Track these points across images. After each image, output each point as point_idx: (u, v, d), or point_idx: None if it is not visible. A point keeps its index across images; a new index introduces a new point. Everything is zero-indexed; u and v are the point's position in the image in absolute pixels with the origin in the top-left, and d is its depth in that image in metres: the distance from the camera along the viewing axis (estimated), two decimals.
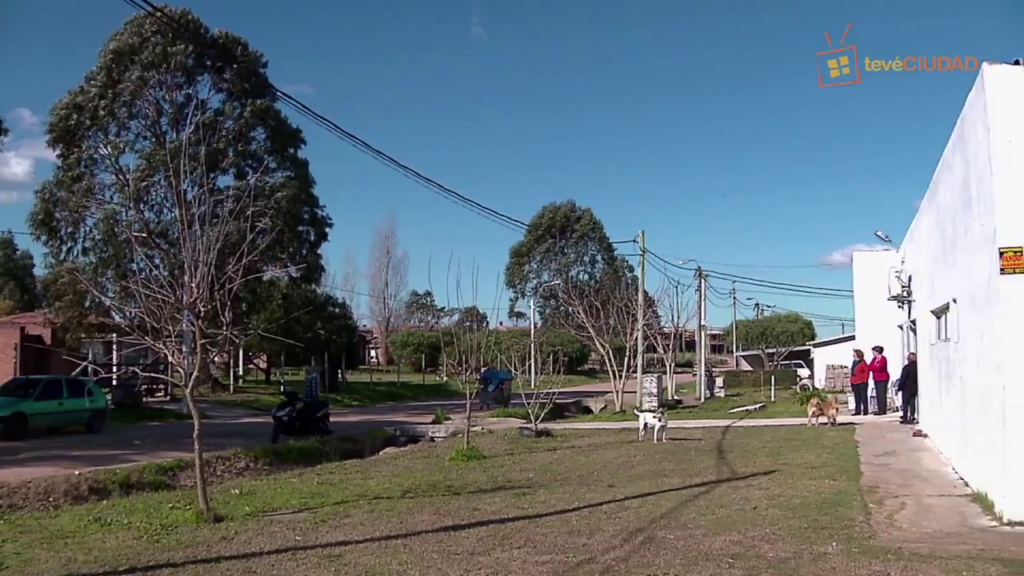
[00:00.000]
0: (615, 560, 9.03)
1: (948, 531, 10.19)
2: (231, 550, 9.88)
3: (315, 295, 51.15)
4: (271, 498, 13.73)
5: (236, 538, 10.56)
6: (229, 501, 13.37)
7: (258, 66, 43.86)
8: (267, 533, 10.81)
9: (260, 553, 9.66)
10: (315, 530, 11.03)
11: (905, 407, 25.35)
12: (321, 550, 9.78)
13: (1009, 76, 10.75)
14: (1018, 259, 10.53)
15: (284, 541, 10.33)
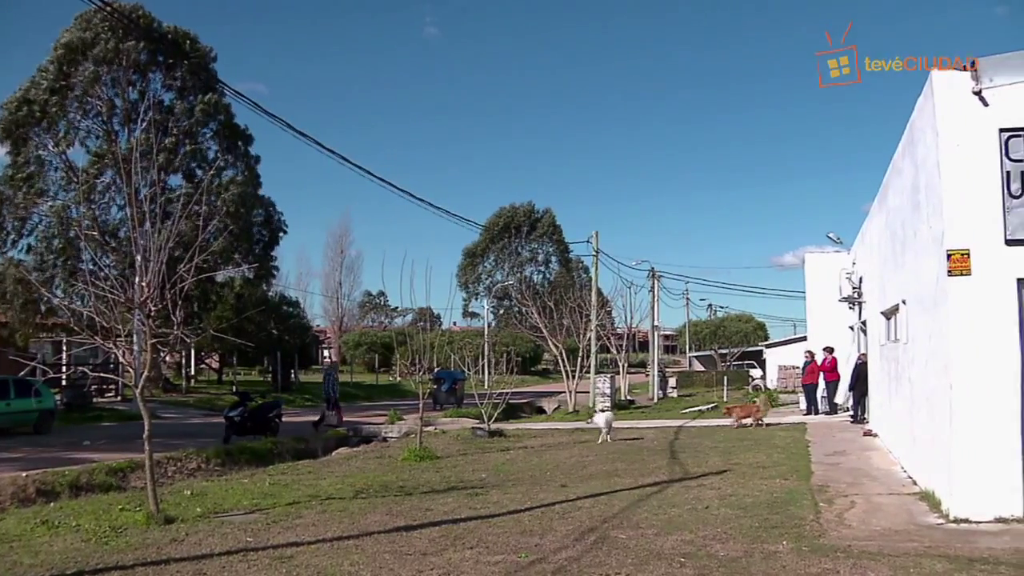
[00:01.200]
0: (567, 560, 9.04)
1: (896, 529, 10.31)
2: (181, 552, 9.79)
3: (268, 295, 50.86)
4: (222, 499, 13.61)
5: (187, 539, 10.46)
6: (180, 502, 13.23)
7: (208, 61, 43.50)
8: (218, 534, 10.72)
9: (211, 555, 9.58)
10: (267, 531, 10.95)
11: (855, 407, 25.60)
12: (273, 551, 9.72)
13: (957, 82, 10.89)
14: (965, 262, 10.68)
15: (235, 542, 10.25)
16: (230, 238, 38.68)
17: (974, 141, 10.76)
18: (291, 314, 55.19)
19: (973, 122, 10.77)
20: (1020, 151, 10.62)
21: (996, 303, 10.62)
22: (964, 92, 10.83)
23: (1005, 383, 10.53)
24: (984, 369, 10.60)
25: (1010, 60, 10.82)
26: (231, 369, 55.11)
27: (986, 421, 10.53)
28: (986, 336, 10.63)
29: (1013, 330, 10.57)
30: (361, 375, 72.48)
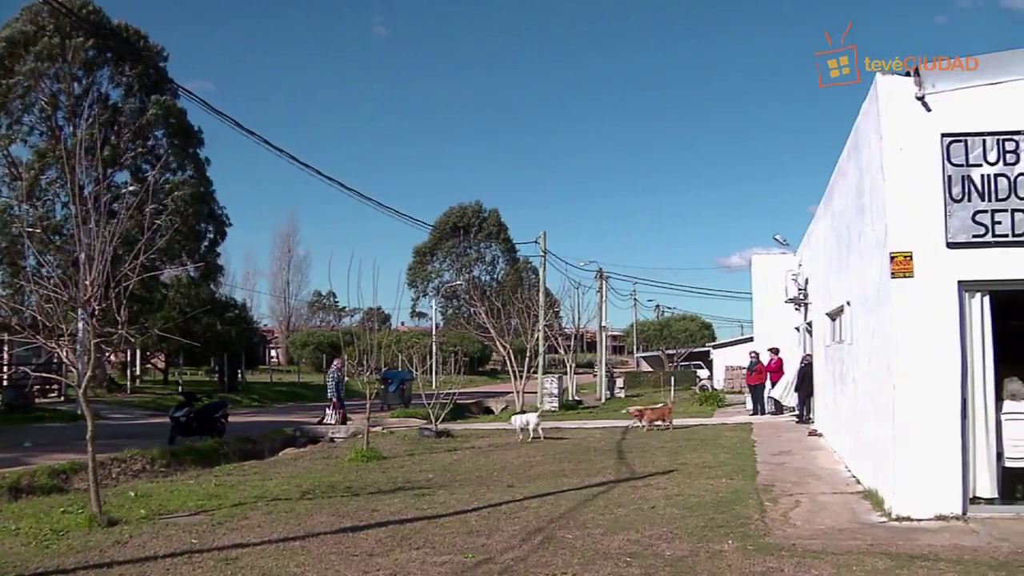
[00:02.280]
0: (514, 560, 9.04)
1: (840, 527, 10.42)
2: (124, 554, 9.64)
3: (214, 294, 50.40)
4: (167, 500, 13.43)
5: (130, 542, 10.30)
6: (124, 504, 13.03)
7: (159, 60, 43.03)
8: (162, 536, 10.57)
9: (155, 557, 9.45)
10: (212, 532, 10.82)
11: (801, 407, 25.86)
12: (218, 553, 9.61)
13: (901, 86, 11.05)
14: (907, 264, 10.83)
15: (180, 544, 10.11)
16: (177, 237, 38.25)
17: (917, 145, 10.92)
18: (238, 314, 54.66)
19: (916, 127, 10.93)
20: (961, 156, 10.80)
21: (938, 305, 10.78)
22: (908, 97, 10.99)
23: (947, 384, 10.70)
24: (926, 370, 10.76)
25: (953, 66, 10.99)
26: (177, 369, 54.43)
27: (928, 421, 10.69)
28: (928, 337, 10.79)
29: (954, 331, 10.74)
30: (308, 375, 71.96)
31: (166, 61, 43.46)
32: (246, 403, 45.17)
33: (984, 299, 10.92)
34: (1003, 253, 10.72)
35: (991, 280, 10.85)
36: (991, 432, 10.92)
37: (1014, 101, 10.88)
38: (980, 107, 10.90)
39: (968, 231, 10.76)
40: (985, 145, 10.78)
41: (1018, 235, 10.66)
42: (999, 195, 10.72)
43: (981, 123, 10.84)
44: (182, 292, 45.89)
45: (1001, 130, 10.78)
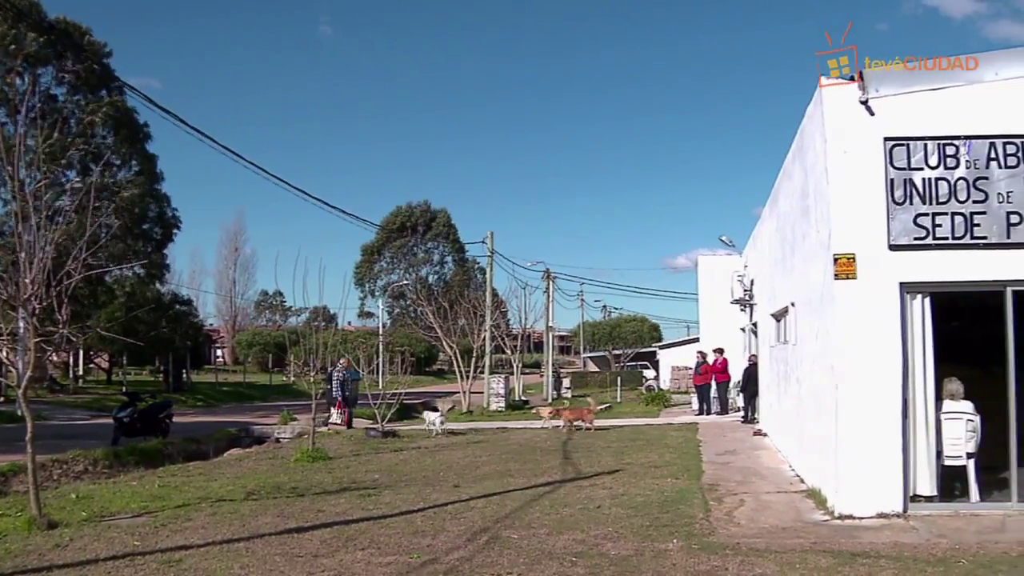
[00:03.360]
0: (459, 560, 9.02)
1: (784, 526, 10.52)
2: (65, 558, 9.47)
3: (160, 293, 49.82)
4: (109, 502, 13.23)
5: (71, 545, 10.11)
6: (65, 506, 12.80)
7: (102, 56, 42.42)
8: (104, 539, 10.40)
9: (96, 560, 9.30)
10: (155, 534, 10.67)
11: (746, 407, 26.08)
12: (161, 555, 9.47)
13: (845, 90, 11.18)
14: (850, 265, 10.97)
15: (122, 547, 9.95)
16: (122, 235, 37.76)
17: (861, 149, 11.06)
18: (183, 313, 54.06)
19: (860, 130, 11.07)
20: (903, 159, 10.96)
21: (880, 306, 10.93)
22: (852, 101, 11.13)
23: (888, 383, 10.85)
24: (868, 370, 10.91)
25: (894, 71, 11.14)
26: (121, 369, 53.75)
27: (870, 420, 10.84)
28: (870, 338, 10.94)
29: (895, 332, 10.90)
30: (255, 375, 71.45)
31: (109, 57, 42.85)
32: (191, 403, 44.76)
33: (925, 301, 11.09)
34: (943, 255, 10.91)
35: (932, 282, 11.03)
36: (931, 431, 11.11)
37: (954, 107, 11.07)
38: (922, 112, 11.08)
39: (910, 234, 10.92)
40: (926, 149, 10.95)
41: (958, 238, 10.85)
42: (940, 199, 10.89)
43: (923, 128, 11.02)
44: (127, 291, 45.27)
45: (942, 135, 10.96)
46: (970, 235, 10.86)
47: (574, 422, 24.58)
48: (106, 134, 42.65)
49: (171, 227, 46.04)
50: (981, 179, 10.88)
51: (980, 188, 10.87)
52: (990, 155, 10.90)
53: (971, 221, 10.87)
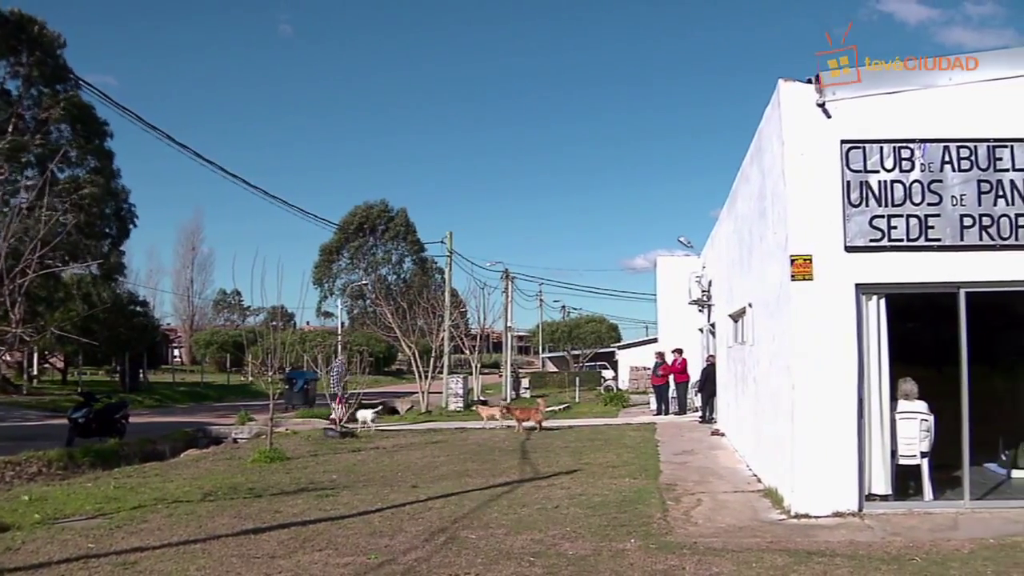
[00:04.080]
0: (417, 560, 9.00)
1: (741, 525, 10.59)
2: (16, 561, 9.33)
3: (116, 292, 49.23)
4: (63, 504, 13.06)
5: (23, 548, 9.96)
6: (17, 508, 12.62)
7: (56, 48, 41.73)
8: (57, 541, 10.25)
9: (49, 563, 9.16)
10: (110, 536, 10.54)
11: (704, 407, 26.20)
12: (115, 557, 9.37)
13: (802, 93, 11.27)
14: (807, 267, 11.05)
15: (76, 549, 9.82)
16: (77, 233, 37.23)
17: (817, 151, 11.14)
18: (140, 312, 53.51)
19: (817, 133, 11.16)
20: (859, 162, 11.06)
21: (836, 307, 11.03)
22: (809, 104, 11.21)
23: (844, 384, 10.96)
24: (824, 370, 11.01)
25: (851, 75, 11.24)
26: (76, 369, 53.17)
27: (826, 420, 10.94)
28: (826, 339, 11.03)
29: (851, 333, 11.00)
30: (212, 375, 70.90)
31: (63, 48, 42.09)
32: (148, 403, 44.33)
33: (880, 302, 11.21)
34: (898, 257, 11.03)
35: (887, 283, 11.15)
36: (886, 431, 11.24)
37: (909, 110, 11.19)
38: (878, 115, 11.19)
39: (866, 236, 11.03)
40: (882, 152, 11.07)
41: (912, 240, 10.97)
42: (895, 201, 11.01)
43: (879, 131, 11.13)
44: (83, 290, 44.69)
45: (897, 138, 11.08)
46: (924, 237, 10.99)
47: (523, 421, 24.54)
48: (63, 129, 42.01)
49: (128, 225, 45.48)
50: (935, 182, 11.01)
51: (934, 191, 11.00)
52: (944, 158, 11.04)
53: (926, 223, 10.99)
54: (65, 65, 40.98)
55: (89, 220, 38.95)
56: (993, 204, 10.97)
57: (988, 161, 11.01)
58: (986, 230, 10.96)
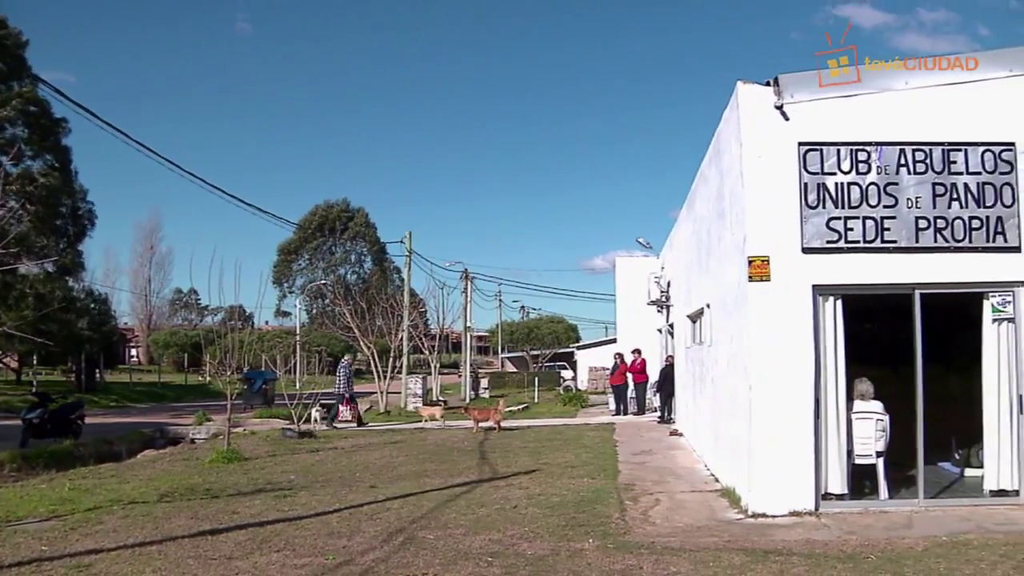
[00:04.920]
0: (375, 561, 8.97)
1: (698, 525, 10.64)
2: None
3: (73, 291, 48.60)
4: (16, 506, 12.86)
5: None
6: None
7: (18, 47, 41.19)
8: (10, 544, 10.09)
9: (0, 567, 9.03)
10: (64, 539, 10.41)
11: (662, 407, 26.30)
12: (70, 560, 9.25)
13: (760, 96, 11.34)
14: (764, 268, 11.12)
15: (29, 552, 9.68)
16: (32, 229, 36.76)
17: (775, 153, 11.22)
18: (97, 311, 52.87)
19: (775, 135, 11.24)
20: (817, 164, 11.15)
21: (793, 308, 11.11)
22: (767, 106, 11.28)
23: (801, 384, 11.04)
24: (782, 371, 11.08)
25: (808, 78, 11.34)
26: (31, 369, 52.50)
27: (783, 420, 11.02)
28: (784, 339, 11.11)
29: (808, 334, 11.09)
30: (170, 375, 70.30)
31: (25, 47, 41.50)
32: (104, 404, 43.84)
33: (837, 303, 11.31)
34: (855, 259, 11.13)
35: (843, 284, 11.25)
36: (842, 431, 11.35)
37: (865, 114, 11.30)
38: (835, 118, 11.30)
39: (822, 237, 11.12)
40: (839, 154, 11.16)
41: (869, 242, 11.08)
42: (852, 203, 11.11)
43: (836, 133, 11.24)
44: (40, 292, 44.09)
45: (854, 140, 11.19)
46: (880, 239, 11.10)
47: (481, 421, 24.52)
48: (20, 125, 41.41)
49: (86, 223, 44.96)
50: (891, 185, 11.13)
51: (890, 193, 11.12)
52: (900, 161, 11.16)
53: (882, 225, 11.11)
54: (24, 61, 40.43)
55: (45, 215, 38.45)
56: (947, 207, 11.12)
57: (943, 164, 11.15)
58: (940, 232, 11.11)
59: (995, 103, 11.35)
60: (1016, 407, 11.30)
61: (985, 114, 11.32)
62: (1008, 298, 11.37)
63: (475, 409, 26.34)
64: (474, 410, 25.99)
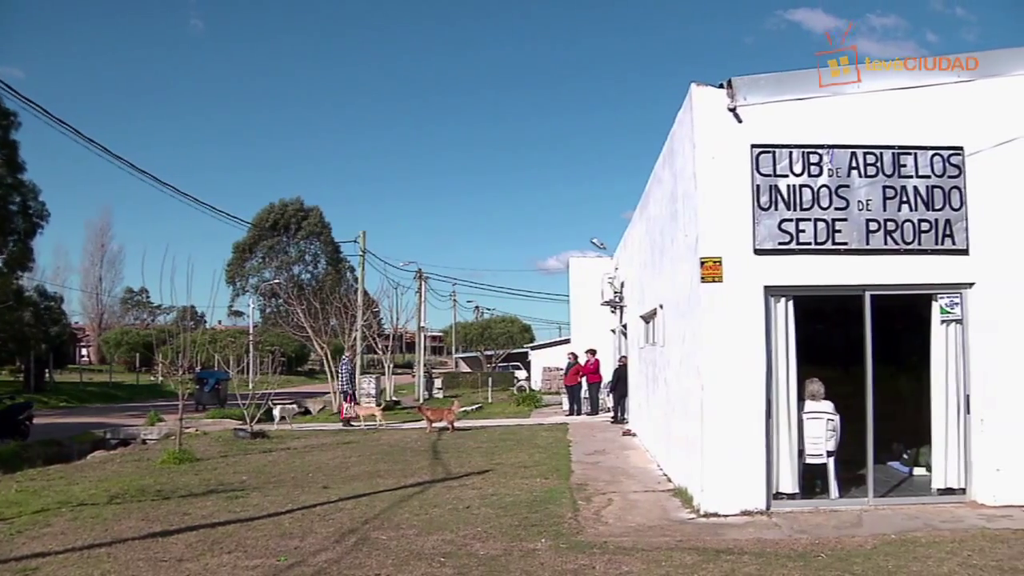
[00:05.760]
0: (327, 562, 8.93)
1: (651, 524, 10.67)
2: None
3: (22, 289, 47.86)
4: None
5: None
6: None
7: None
8: None
9: None
10: (10, 542, 10.25)
11: (616, 408, 26.38)
12: (15, 564, 9.11)
13: (714, 97, 11.41)
14: (717, 269, 11.19)
15: None
16: None
17: (728, 155, 11.29)
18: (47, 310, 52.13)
19: (728, 137, 11.31)
20: (769, 166, 11.23)
21: (745, 309, 11.19)
22: (720, 108, 11.35)
23: (753, 384, 11.13)
24: (734, 371, 11.16)
25: (761, 81, 11.44)
26: None
27: (735, 421, 11.09)
28: (736, 340, 11.18)
29: (760, 335, 11.17)
30: (121, 375, 69.44)
31: None
32: (54, 404, 43.31)
33: (788, 304, 11.41)
34: (806, 260, 11.24)
35: (795, 286, 11.35)
36: (793, 430, 11.45)
37: (817, 116, 11.41)
38: (788, 121, 11.40)
39: (774, 238, 11.21)
40: (791, 157, 11.26)
41: (820, 243, 11.19)
42: (803, 205, 11.21)
43: (788, 136, 11.33)
44: None
45: (806, 143, 11.29)
46: (832, 241, 11.22)
47: (434, 421, 24.47)
48: None
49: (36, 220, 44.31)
50: (843, 187, 11.25)
51: (842, 196, 11.24)
52: (851, 164, 11.28)
53: (833, 227, 11.22)
54: None
55: None
56: (897, 209, 11.26)
57: (893, 167, 11.29)
58: (891, 234, 11.25)
59: (944, 108, 11.53)
60: (963, 407, 11.48)
61: (935, 118, 11.50)
62: (956, 300, 11.54)
63: (429, 409, 26.27)
64: (428, 410, 25.91)
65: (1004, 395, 11.32)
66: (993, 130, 11.39)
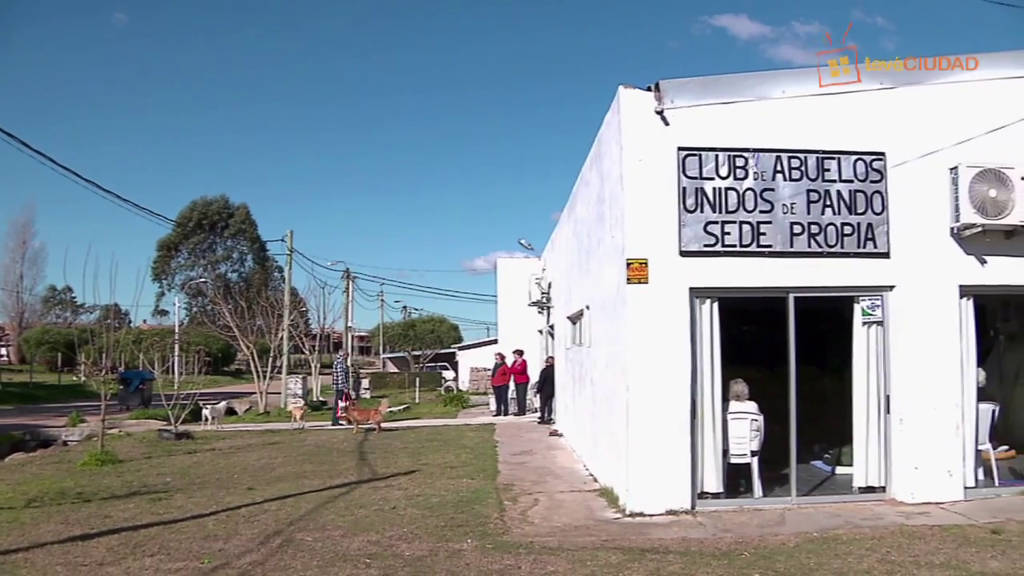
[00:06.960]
0: (251, 564, 8.83)
1: (576, 524, 10.72)
2: None
3: None
4: None
5: None
6: None
7: None
8: None
9: None
10: None
11: (543, 408, 26.43)
12: None
13: (642, 100, 11.48)
14: (643, 270, 11.27)
15: None
16: None
17: (655, 157, 11.38)
18: None
19: (655, 139, 11.39)
20: (695, 169, 11.35)
21: (670, 310, 11.28)
22: (648, 111, 11.43)
23: (678, 385, 11.23)
24: (659, 372, 11.25)
25: (689, 84, 11.55)
26: None
27: (660, 421, 11.18)
28: (661, 341, 11.27)
29: (685, 336, 11.28)
30: (43, 375, 67.94)
31: None
32: None
33: (713, 305, 11.53)
34: (731, 262, 11.37)
35: (720, 287, 11.47)
36: (718, 431, 11.58)
37: (743, 121, 11.56)
38: (714, 124, 11.52)
39: (700, 241, 11.32)
40: (717, 160, 11.39)
41: (745, 246, 11.33)
42: (729, 208, 11.35)
43: (714, 139, 11.45)
44: None
45: (732, 147, 11.43)
46: (756, 243, 11.37)
47: (361, 422, 24.30)
48: None
49: None
50: (768, 190, 11.40)
51: (767, 199, 11.39)
52: (776, 168, 11.44)
53: (758, 230, 11.37)
54: None
55: None
56: (821, 213, 11.45)
57: (817, 171, 11.48)
58: (814, 238, 11.44)
59: (868, 114, 11.76)
60: (883, 407, 11.70)
61: (858, 124, 11.72)
62: (877, 302, 11.76)
63: (355, 410, 26.07)
64: (354, 411, 25.71)
65: (922, 395, 11.56)
66: (913, 137, 11.65)
